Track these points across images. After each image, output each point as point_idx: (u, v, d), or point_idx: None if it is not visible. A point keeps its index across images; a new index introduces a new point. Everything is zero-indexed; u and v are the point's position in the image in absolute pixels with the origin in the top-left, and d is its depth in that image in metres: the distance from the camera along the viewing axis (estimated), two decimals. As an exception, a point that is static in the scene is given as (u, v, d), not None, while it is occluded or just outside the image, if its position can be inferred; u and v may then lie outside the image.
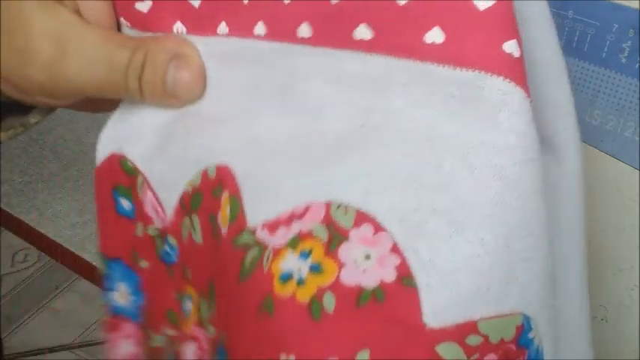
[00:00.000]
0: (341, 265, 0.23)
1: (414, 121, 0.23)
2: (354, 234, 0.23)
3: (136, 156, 0.29)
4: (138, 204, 0.30)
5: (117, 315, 0.32)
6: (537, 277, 0.24)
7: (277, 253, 0.24)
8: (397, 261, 0.23)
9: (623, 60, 0.36)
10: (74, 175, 0.91)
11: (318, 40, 0.25)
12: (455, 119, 0.23)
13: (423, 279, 0.22)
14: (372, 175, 0.23)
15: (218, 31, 0.27)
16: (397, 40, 0.23)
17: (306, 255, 0.24)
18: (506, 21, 0.22)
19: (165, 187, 0.29)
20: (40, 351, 1.36)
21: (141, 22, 0.27)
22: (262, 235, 0.25)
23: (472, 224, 0.22)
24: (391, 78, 0.24)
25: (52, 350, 1.36)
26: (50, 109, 0.32)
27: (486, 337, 0.22)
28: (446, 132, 0.23)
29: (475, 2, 0.22)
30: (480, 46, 0.22)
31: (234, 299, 0.25)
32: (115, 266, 0.32)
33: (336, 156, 0.24)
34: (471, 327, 0.22)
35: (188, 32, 0.27)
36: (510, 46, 0.22)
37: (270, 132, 0.26)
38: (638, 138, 0.37)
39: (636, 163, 0.37)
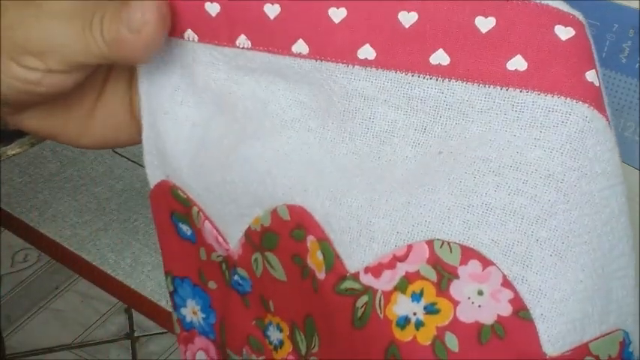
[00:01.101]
0: (456, 304, 0.23)
1: (495, 148, 0.23)
2: (463, 271, 0.23)
3: (186, 187, 0.30)
4: (197, 231, 0.30)
5: (189, 330, 0.33)
6: (629, 292, 0.24)
7: (388, 297, 0.24)
8: (510, 294, 0.23)
9: (623, 60, 0.36)
10: (74, 175, 0.91)
11: (383, 62, 0.24)
12: (539, 145, 0.23)
13: (536, 309, 0.23)
14: (469, 209, 0.23)
15: (237, 44, 0.26)
16: (477, 67, 0.23)
17: (418, 297, 0.24)
18: (585, 51, 0.23)
19: (223, 219, 0.29)
20: (40, 351, 1.36)
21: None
22: (367, 279, 0.25)
23: (572, 252, 0.23)
24: (469, 104, 0.23)
25: (52, 350, 1.36)
26: (32, 143, 0.32)
27: (597, 357, 0.23)
28: (531, 158, 0.23)
29: (557, 33, 0.22)
30: (563, 74, 0.23)
31: (354, 344, 0.25)
32: (184, 285, 0.32)
33: (420, 187, 0.24)
34: (584, 350, 0.23)
35: (200, 40, 0.27)
36: (591, 76, 0.23)
37: (333, 160, 0.26)
38: (638, 138, 0.37)
39: (636, 163, 0.37)
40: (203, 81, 0.28)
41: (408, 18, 0.23)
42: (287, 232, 0.27)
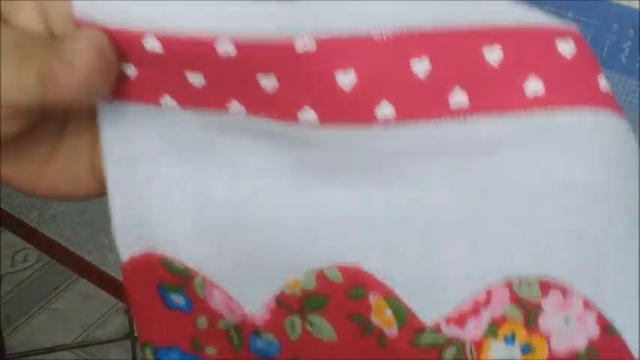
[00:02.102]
0: (548, 338, 0.24)
1: (538, 174, 0.23)
2: (546, 304, 0.24)
3: (185, 257, 0.28)
4: (196, 300, 0.29)
5: None
6: None
7: (480, 345, 0.24)
8: (594, 315, 0.23)
9: (623, 60, 0.36)
10: (74, 175, 0.90)
11: (403, 115, 0.24)
12: (578, 161, 0.23)
13: (618, 323, 0.23)
14: (532, 239, 0.23)
15: (231, 110, 0.25)
16: (496, 98, 0.23)
17: (510, 339, 0.24)
18: (590, 58, 0.23)
19: (237, 284, 0.28)
20: (40, 351, 1.36)
21: (124, 89, 0.26)
22: (451, 331, 0.25)
23: (632, 262, 0.23)
24: (499, 135, 0.23)
25: (52, 350, 1.36)
26: None
27: None
28: (575, 175, 0.23)
29: (560, 48, 0.23)
30: (580, 87, 0.23)
31: None
32: (170, 354, 0.31)
33: (477, 227, 0.24)
34: None
35: (181, 107, 0.26)
36: (602, 81, 0.23)
37: (372, 214, 0.25)
38: (638, 138, 0.37)
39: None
40: (188, 142, 0.27)
41: (421, 66, 0.23)
42: (341, 293, 0.26)
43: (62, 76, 0.24)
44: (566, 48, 0.23)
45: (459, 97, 0.23)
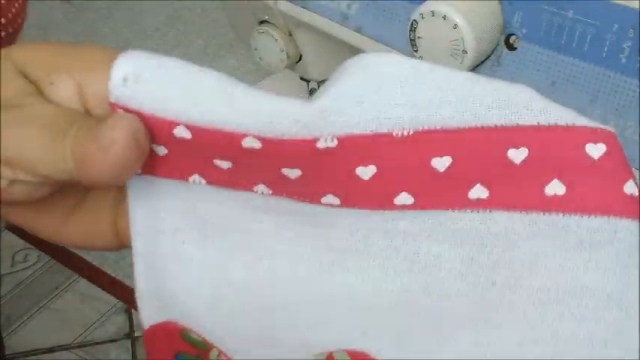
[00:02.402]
0: None
1: (549, 275, 0.23)
2: None
3: (203, 330, 0.28)
4: None
5: None
6: None
7: None
8: None
9: (623, 60, 0.36)
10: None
11: (422, 205, 0.24)
12: (591, 267, 0.23)
13: None
14: (538, 342, 0.23)
15: (255, 190, 0.26)
16: (516, 195, 0.23)
17: None
18: (619, 163, 0.23)
19: (250, 356, 0.28)
20: (40, 351, 1.36)
21: (153, 164, 0.26)
22: None
23: None
24: (514, 231, 0.23)
25: (52, 350, 1.36)
26: None
27: None
28: (587, 282, 0.23)
29: (589, 152, 0.22)
30: (602, 193, 0.23)
31: None
32: None
33: (484, 323, 0.24)
34: None
35: (208, 184, 0.26)
36: (630, 187, 0.23)
37: (383, 299, 0.25)
38: (638, 138, 0.37)
39: (636, 163, 0.37)
40: (211, 219, 0.27)
41: (441, 163, 0.23)
42: None
43: (97, 160, 0.24)
44: (595, 151, 0.23)
45: (478, 192, 0.23)
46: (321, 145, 0.24)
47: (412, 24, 0.40)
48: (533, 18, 0.38)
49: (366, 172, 0.24)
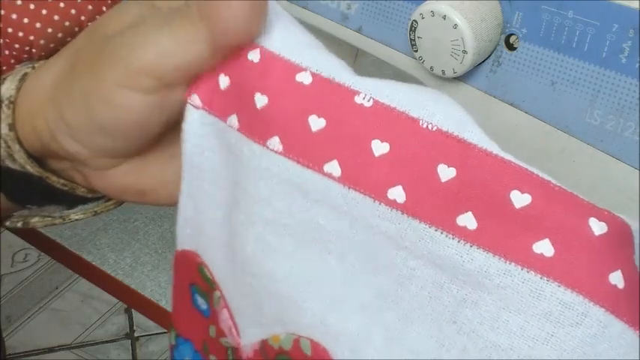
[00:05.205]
0: None
1: (508, 334, 0.23)
2: None
3: (215, 268, 0.29)
4: (213, 311, 0.30)
5: None
6: None
7: None
8: None
9: (623, 60, 0.36)
10: (74, 175, 0.90)
11: (411, 209, 0.24)
12: (551, 342, 0.22)
13: None
14: None
15: (268, 145, 0.25)
16: (502, 240, 0.23)
17: None
18: (615, 249, 0.22)
19: (242, 315, 0.28)
20: (40, 351, 1.36)
21: (211, 98, 0.27)
22: None
23: None
24: (487, 275, 0.23)
25: (52, 350, 1.36)
26: (95, 212, 0.32)
27: None
28: (542, 354, 0.22)
29: (591, 226, 0.22)
30: (587, 272, 0.22)
31: None
32: (186, 346, 0.33)
33: (438, 354, 0.24)
34: None
35: (239, 130, 0.26)
36: (616, 277, 0.22)
37: (355, 294, 0.25)
38: (638, 138, 0.37)
39: (636, 163, 0.37)
40: (229, 168, 0.28)
41: (446, 172, 0.23)
42: None
43: (225, 8, 0.25)
44: (596, 228, 0.22)
45: (467, 221, 0.23)
46: (358, 99, 0.24)
47: (412, 24, 0.40)
48: (533, 18, 0.38)
49: (378, 148, 0.24)
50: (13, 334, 1.38)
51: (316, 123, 0.24)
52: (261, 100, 0.25)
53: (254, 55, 0.26)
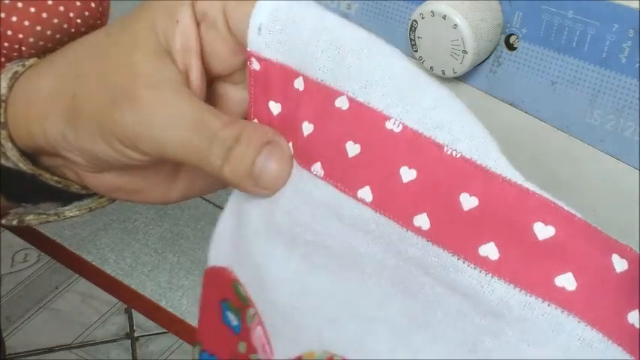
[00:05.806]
0: None
1: None
2: None
3: (248, 288, 0.29)
4: (245, 329, 0.30)
5: None
6: None
7: None
8: None
9: (623, 60, 0.36)
10: (74, 175, 0.90)
11: (435, 237, 0.24)
12: None
13: None
14: None
15: (312, 170, 0.26)
16: (524, 271, 0.22)
17: None
18: (634, 288, 0.22)
19: (276, 332, 0.29)
20: (40, 351, 1.36)
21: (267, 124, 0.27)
22: None
23: None
24: (507, 307, 0.23)
25: (52, 350, 1.36)
26: (90, 208, 0.33)
27: None
28: None
29: (614, 262, 0.22)
30: (609, 310, 0.22)
31: None
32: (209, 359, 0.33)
33: None
34: None
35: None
36: (634, 317, 0.22)
37: (386, 318, 0.25)
38: (638, 138, 0.37)
39: (636, 163, 0.37)
40: (291, 214, 0.28)
41: (468, 201, 0.23)
42: None
43: (254, 191, 0.27)
44: (618, 265, 0.22)
45: (490, 251, 0.23)
46: (389, 125, 0.24)
47: (412, 24, 0.40)
48: (533, 18, 0.38)
49: (407, 174, 0.24)
50: (13, 334, 1.38)
51: (353, 149, 0.25)
52: (308, 129, 0.26)
53: (299, 84, 0.26)
